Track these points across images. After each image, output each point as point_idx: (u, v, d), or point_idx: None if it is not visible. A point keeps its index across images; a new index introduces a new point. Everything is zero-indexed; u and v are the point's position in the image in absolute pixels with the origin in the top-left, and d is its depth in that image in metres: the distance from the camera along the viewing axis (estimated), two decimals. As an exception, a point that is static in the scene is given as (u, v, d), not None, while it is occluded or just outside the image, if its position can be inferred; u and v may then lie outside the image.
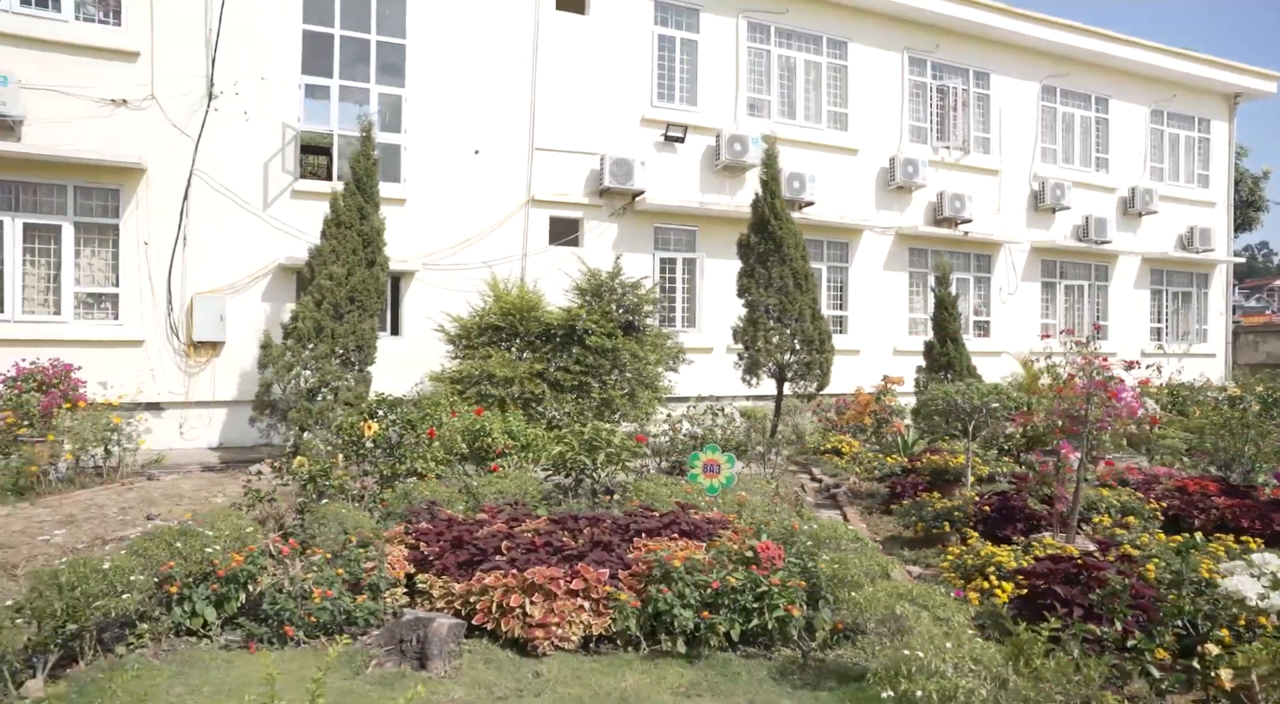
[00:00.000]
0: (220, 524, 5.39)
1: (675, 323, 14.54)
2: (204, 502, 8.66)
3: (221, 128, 11.78)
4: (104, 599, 4.05)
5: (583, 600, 4.69)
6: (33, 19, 10.92)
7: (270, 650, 4.50)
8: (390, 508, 6.51)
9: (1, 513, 7.91)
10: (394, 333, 12.73)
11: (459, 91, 13.07)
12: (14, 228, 10.94)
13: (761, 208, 12.01)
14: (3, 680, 3.74)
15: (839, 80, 15.97)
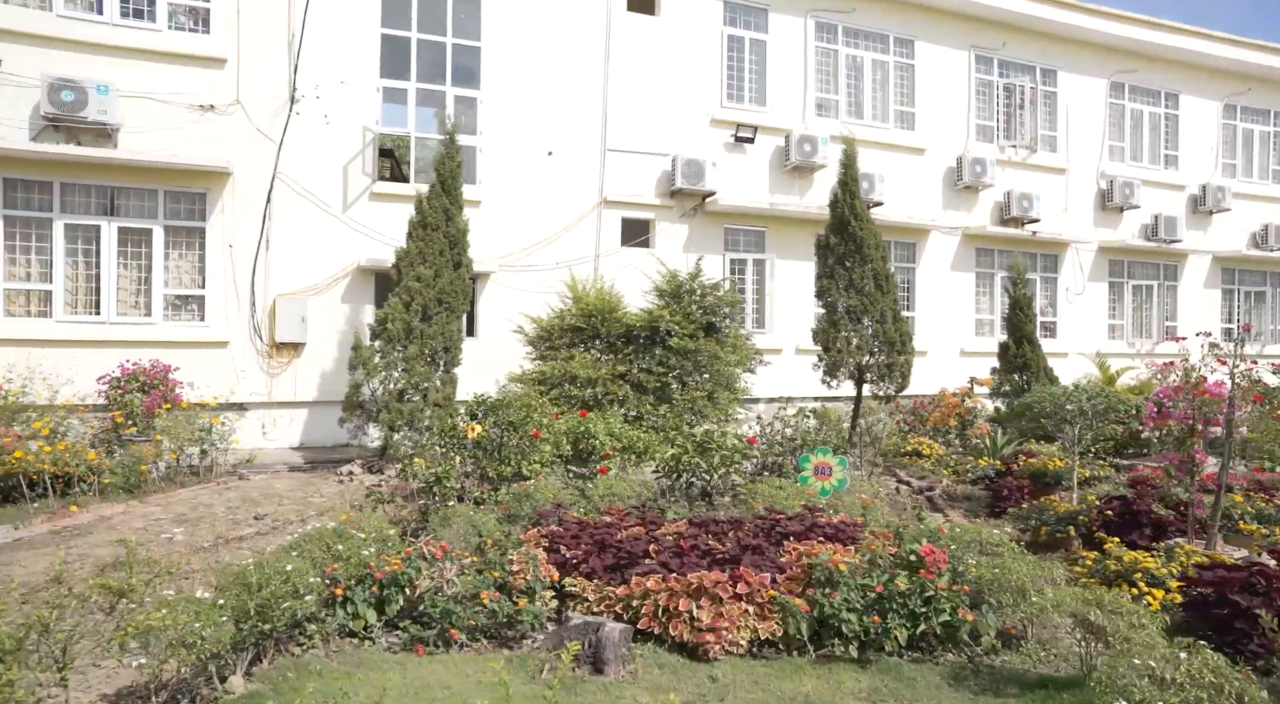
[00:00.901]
0: (364, 526, 5.43)
1: (746, 324, 14.45)
2: (302, 502, 8.76)
3: (303, 131, 11.91)
4: (290, 600, 4.08)
5: (746, 604, 4.65)
6: (131, 30, 11.12)
7: (436, 653, 4.50)
8: (511, 510, 6.51)
9: (118, 510, 8.05)
10: (469, 334, 12.78)
11: (532, 94, 13.12)
12: (110, 232, 11.12)
13: (841, 208, 11.90)
14: (209, 676, 3.78)
15: (906, 79, 15.83)
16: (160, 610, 3.47)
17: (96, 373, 10.54)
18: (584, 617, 4.58)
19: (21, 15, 10.68)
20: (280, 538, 7.16)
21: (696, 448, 7.33)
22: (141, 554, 6.43)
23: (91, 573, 5.95)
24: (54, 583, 3.65)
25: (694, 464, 7.20)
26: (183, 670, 3.66)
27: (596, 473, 7.89)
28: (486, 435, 7.87)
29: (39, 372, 10.19)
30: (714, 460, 7.21)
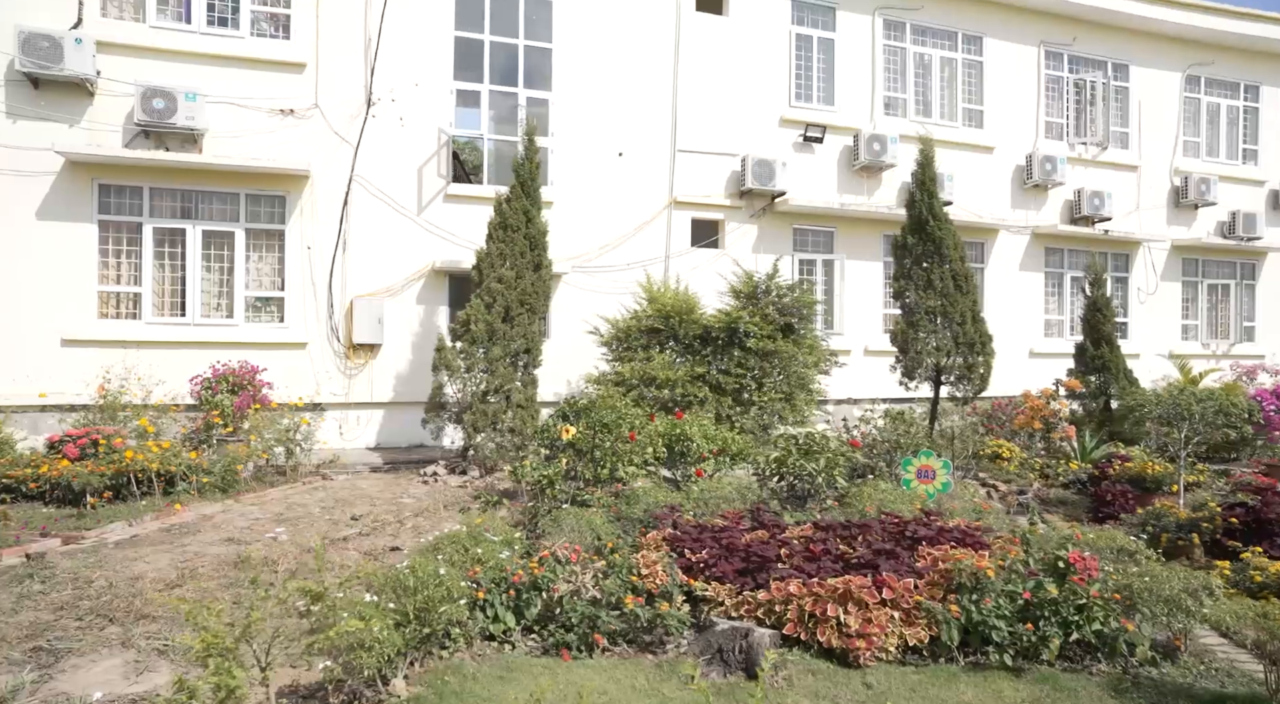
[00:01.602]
0: (494, 529, 5.43)
1: (816, 325, 14.32)
2: (393, 502, 8.81)
3: (378, 134, 12.02)
4: (446, 605, 4.07)
5: (890, 610, 4.57)
6: (216, 38, 11.31)
7: (580, 658, 4.47)
8: (620, 512, 6.47)
9: (217, 509, 8.16)
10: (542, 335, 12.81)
11: (603, 95, 13.12)
12: (195, 235, 11.32)
13: (919, 208, 11.74)
14: (370, 679, 3.78)
15: (974, 77, 15.58)
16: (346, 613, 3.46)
17: (181, 373, 10.75)
18: (730, 622, 4.52)
19: (118, 28, 10.92)
20: (382, 538, 7.22)
21: (800, 450, 7.24)
22: (248, 551, 6.52)
23: (215, 570, 6.03)
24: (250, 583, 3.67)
25: (799, 466, 7.12)
26: (361, 673, 3.66)
27: (693, 475, 7.84)
28: (581, 437, 7.85)
29: (133, 372, 10.39)
30: (820, 463, 7.11)
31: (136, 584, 5.63)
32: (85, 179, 10.86)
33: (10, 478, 7.87)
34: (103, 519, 7.32)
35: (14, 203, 10.57)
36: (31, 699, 3.83)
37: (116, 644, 4.54)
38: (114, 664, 4.30)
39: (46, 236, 10.70)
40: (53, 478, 7.85)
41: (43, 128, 10.64)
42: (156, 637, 4.66)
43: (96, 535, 6.96)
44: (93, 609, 5.10)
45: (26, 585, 5.53)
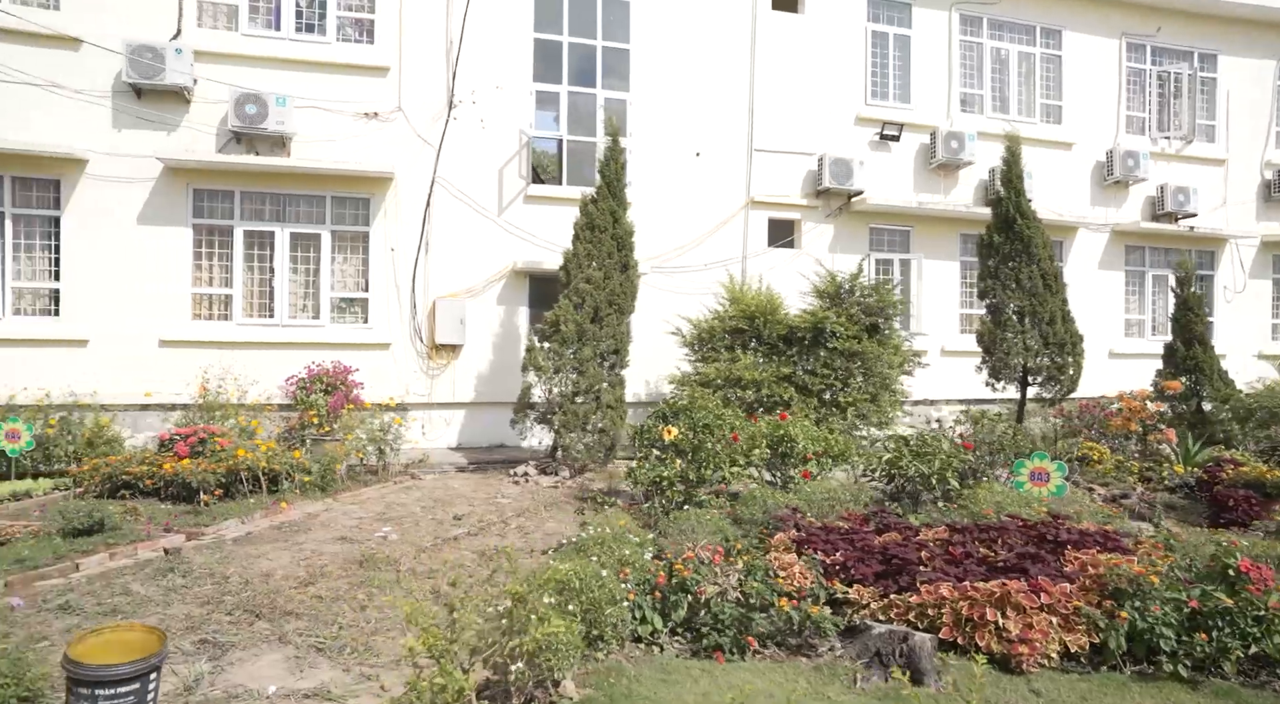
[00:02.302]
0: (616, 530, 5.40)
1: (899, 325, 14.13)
2: (490, 502, 8.85)
3: (460, 136, 12.12)
4: (610, 606, 4.05)
5: (1049, 615, 4.44)
6: (304, 44, 11.51)
7: (733, 660, 4.42)
8: (737, 513, 6.42)
9: (320, 507, 8.27)
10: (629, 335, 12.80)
11: (679, 95, 13.08)
12: (283, 237, 11.52)
13: (1005, 206, 11.53)
14: (540, 679, 3.77)
15: (1052, 71, 15.24)
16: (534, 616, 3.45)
17: (270, 373, 10.96)
18: (885, 625, 4.44)
19: (213, 37, 11.17)
20: (489, 539, 7.24)
21: (913, 452, 7.12)
22: (366, 551, 6.59)
23: (342, 569, 6.10)
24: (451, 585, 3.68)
25: (912, 468, 7.00)
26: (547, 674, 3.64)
27: (797, 477, 7.76)
28: (683, 438, 7.81)
29: (230, 373, 10.61)
30: (934, 465, 6.99)
31: (270, 581, 5.72)
32: (181, 184, 11.12)
33: (129, 474, 8.08)
34: (217, 516, 7.46)
35: (117, 208, 10.87)
36: (212, 689, 3.89)
37: (273, 639, 4.61)
38: (275, 659, 4.35)
39: (146, 240, 10.99)
40: (167, 475, 8.03)
41: (144, 135, 10.93)
42: (308, 633, 4.72)
43: (214, 532, 7.10)
44: (238, 604, 5.19)
45: (170, 579, 5.65)
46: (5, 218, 10.62)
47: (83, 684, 3.23)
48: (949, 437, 9.64)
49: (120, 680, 3.27)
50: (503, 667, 3.37)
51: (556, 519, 7.94)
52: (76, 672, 3.23)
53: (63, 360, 10.64)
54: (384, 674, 4.19)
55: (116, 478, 8.11)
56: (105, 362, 10.72)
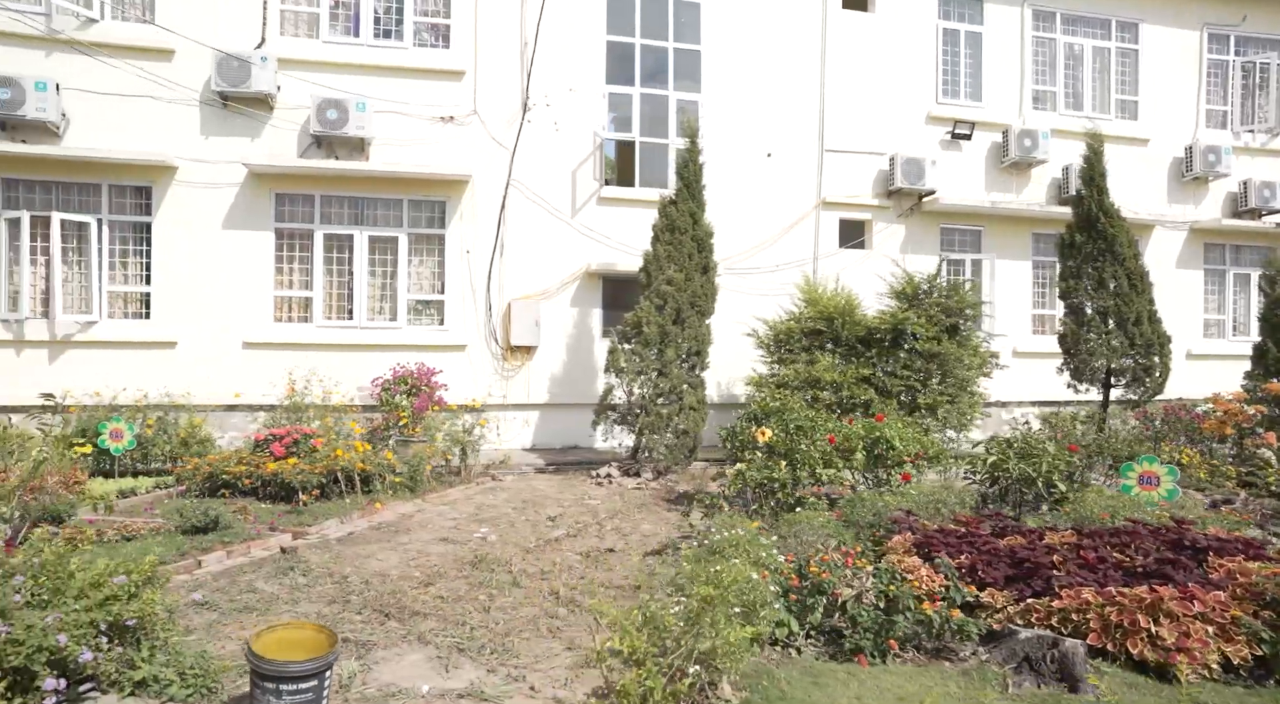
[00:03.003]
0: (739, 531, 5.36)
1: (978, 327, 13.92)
2: (578, 503, 8.87)
3: (533, 139, 12.20)
4: (764, 608, 4.02)
5: (1203, 624, 4.31)
6: (381, 49, 11.68)
7: (875, 664, 4.36)
8: (846, 516, 6.34)
9: (412, 508, 8.36)
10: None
11: (750, 95, 13.03)
12: (362, 240, 11.69)
13: (1088, 205, 11.31)
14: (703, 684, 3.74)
15: (1128, 66, 14.89)
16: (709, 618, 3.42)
17: (349, 374, 11.14)
18: (1033, 630, 4.34)
19: (295, 45, 11.38)
20: (588, 540, 7.23)
21: (1018, 453, 6.99)
22: (464, 552, 6.63)
23: (456, 570, 6.14)
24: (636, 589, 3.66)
25: (1020, 470, 6.86)
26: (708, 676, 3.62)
27: (894, 479, 7.66)
28: (779, 440, 7.75)
29: (315, 375, 10.79)
30: (1043, 467, 6.85)
31: (387, 581, 5.77)
32: (264, 189, 11.34)
33: (229, 474, 8.23)
34: (318, 516, 7.57)
35: (204, 213, 11.12)
36: (366, 688, 3.93)
37: (411, 639, 4.64)
38: (418, 659, 4.39)
39: (230, 244, 11.22)
40: (265, 475, 8.17)
41: (229, 142, 11.17)
42: (442, 633, 4.74)
43: (318, 531, 7.21)
44: (364, 604, 5.25)
45: (291, 577, 5.74)
46: (102, 224, 10.92)
47: (268, 679, 3.28)
48: (1048, 438, 9.47)
49: (302, 677, 3.32)
50: (679, 670, 3.35)
51: (650, 521, 7.93)
52: (262, 666, 3.28)
53: (153, 362, 10.91)
54: (529, 675, 4.20)
55: (217, 477, 8.27)
56: (192, 363, 10.98)
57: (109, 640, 3.29)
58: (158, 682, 3.35)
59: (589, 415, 12.16)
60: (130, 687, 3.26)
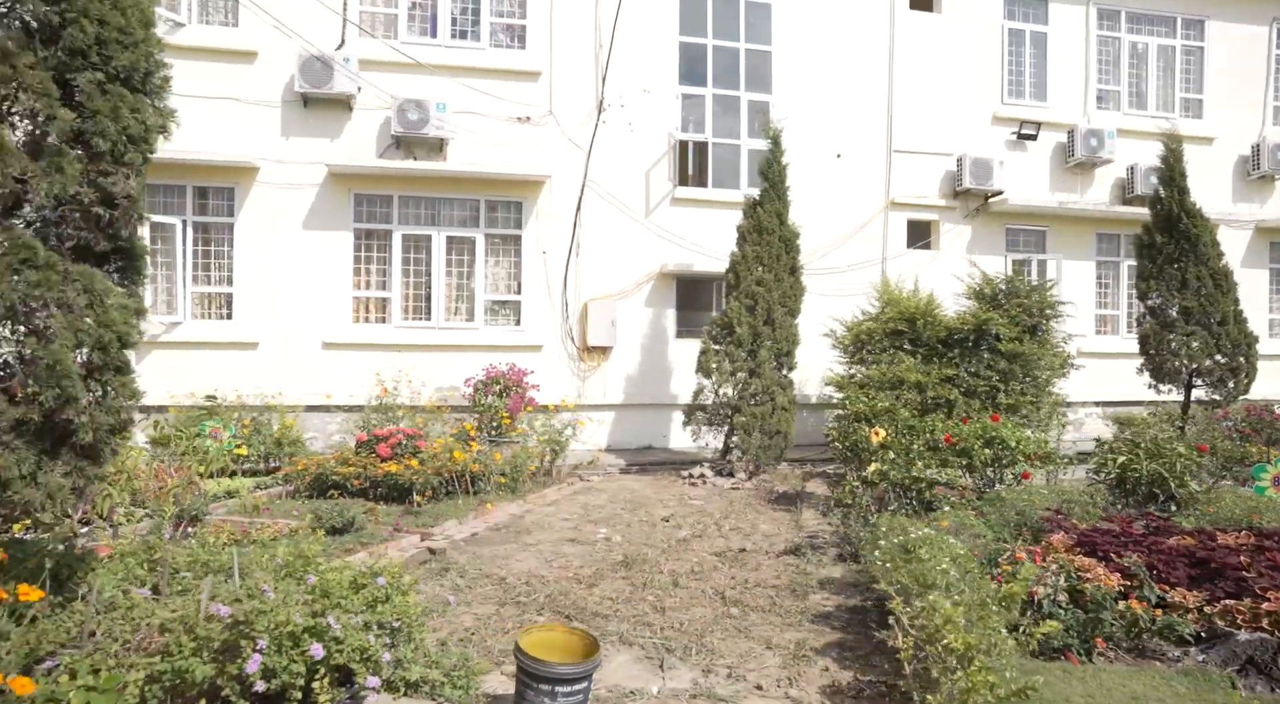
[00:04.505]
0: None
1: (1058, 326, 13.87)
2: (682, 503, 8.87)
3: (608, 139, 12.19)
4: (994, 604, 3.99)
5: None
6: (458, 50, 11.68)
7: (1084, 662, 4.34)
8: (989, 516, 6.32)
9: (518, 509, 8.34)
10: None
11: (819, 96, 13.02)
12: (439, 241, 11.69)
13: (1168, 205, 11.28)
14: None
15: (1193, 64, 14.87)
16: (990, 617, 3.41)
17: (429, 375, 11.13)
18: (1258, 634, 4.32)
19: (374, 46, 11.37)
20: (714, 541, 7.21)
21: (1147, 453, 6.97)
22: (601, 553, 6.62)
23: (610, 570, 6.13)
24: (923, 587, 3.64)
25: (1153, 471, 6.84)
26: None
27: (1008, 478, 7.65)
28: (895, 440, 7.73)
29: (406, 376, 10.80)
30: (1176, 467, 6.83)
31: (547, 582, 5.76)
32: (344, 190, 11.34)
33: (338, 475, 8.23)
34: (437, 517, 7.56)
35: (285, 214, 11.12)
36: (596, 687, 3.91)
37: (613, 639, 4.63)
38: (625, 660, 4.37)
39: (310, 245, 11.22)
40: (376, 476, 8.16)
41: (309, 143, 11.17)
42: (634, 635, 4.73)
43: (441, 532, 7.19)
44: (538, 605, 5.24)
45: (450, 578, 5.73)
46: (186, 225, 10.93)
47: (542, 680, 3.27)
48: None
49: (574, 679, 3.32)
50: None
51: (764, 522, 7.92)
52: (537, 668, 3.27)
53: (235, 362, 10.92)
54: (747, 674, 4.19)
55: (326, 478, 8.27)
56: (272, 364, 10.99)
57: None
58: (427, 682, 3.34)
59: (664, 415, 12.21)
60: (404, 687, 3.25)
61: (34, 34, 2.50)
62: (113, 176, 2.62)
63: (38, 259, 2.36)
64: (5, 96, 2.32)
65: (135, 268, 2.92)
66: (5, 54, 2.31)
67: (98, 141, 2.61)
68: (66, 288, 2.42)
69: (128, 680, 2.44)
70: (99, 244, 2.69)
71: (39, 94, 2.38)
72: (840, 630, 4.91)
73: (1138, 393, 12.64)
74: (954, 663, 3.02)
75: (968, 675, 2.85)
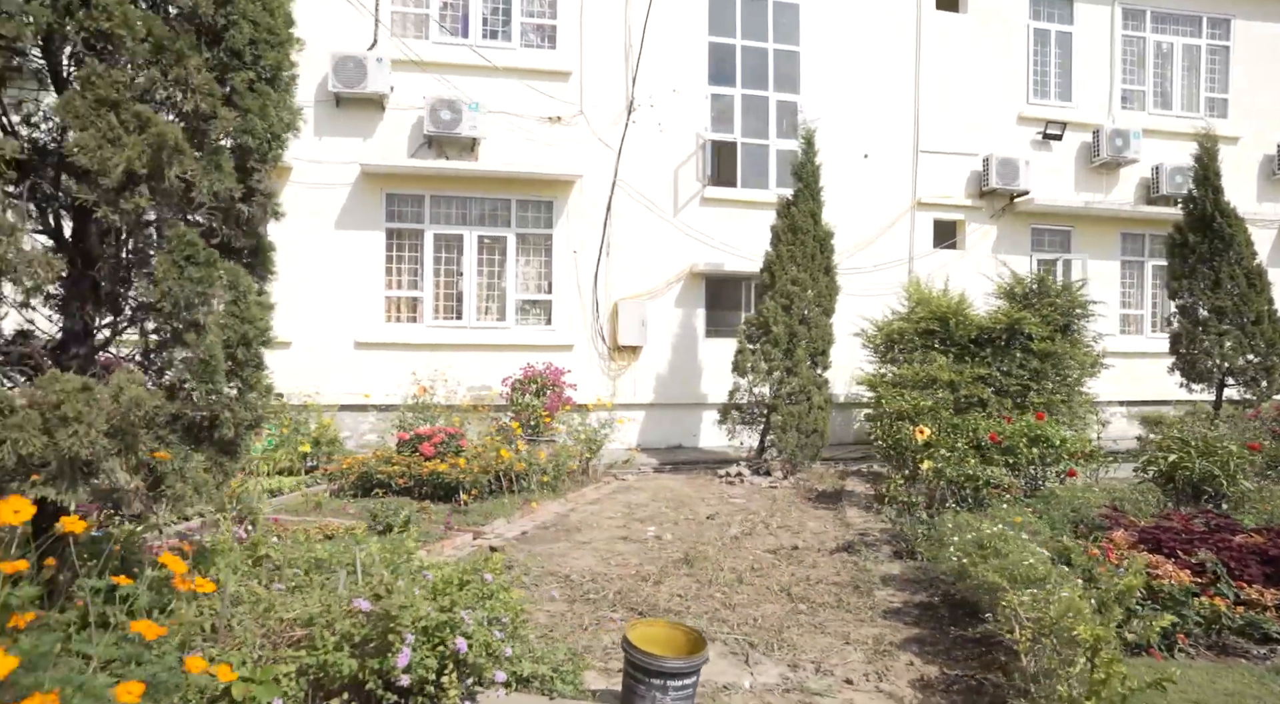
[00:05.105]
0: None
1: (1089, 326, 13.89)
2: (723, 501, 8.88)
3: (638, 139, 12.21)
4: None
5: None
6: (489, 50, 11.69)
7: (1167, 658, 4.36)
8: (1044, 513, 6.34)
9: (562, 508, 8.35)
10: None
11: (847, 96, 13.04)
12: (471, 240, 11.71)
13: (1202, 205, 11.32)
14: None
15: (1219, 63, 14.90)
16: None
17: (460, 374, 11.14)
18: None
19: (406, 46, 11.39)
20: (764, 539, 7.23)
21: (1198, 451, 6.99)
22: (657, 551, 6.64)
23: (672, 567, 6.15)
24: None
25: (1206, 470, 6.86)
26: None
27: (1063, 477, 7.67)
28: (942, 439, 7.76)
29: (441, 375, 10.82)
30: (1230, 465, 6.85)
31: (612, 581, 5.77)
32: (376, 189, 11.36)
33: (382, 473, 8.25)
34: (486, 515, 7.58)
35: (317, 214, 11.14)
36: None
37: (695, 636, 4.65)
38: (710, 654, 4.38)
39: (342, 244, 11.25)
40: (421, 474, 8.18)
41: (341, 143, 11.20)
42: (712, 631, 4.75)
43: (491, 530, 7.21)
44: (611, 603, 5.27)
45: (513, 575, 5.71)
46: (222, 224, 10.93)
47: (654, 674, 3.29)
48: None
49: (685, 674, 3.34)
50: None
51: (811, 520, 7.94)
52: (651, 663, 3.29)
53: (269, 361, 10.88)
54: (835, 669, 4.21)
55: (370, 476, 8.28)
56: (305, 363, 10.99)
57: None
58: (537, 677, 3.36)
59: (693, 415, 12.24)
60: (515, 683, 3.28)
61: (201, 34, 2.53)
62: (258, 174, 2.65)
63: (199, 256, 2.39)
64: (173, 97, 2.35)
65: (265, 264, 2.94)
66: (179, 56, 2.33)
67: (247, 139, 2.64)
68: (218, 285, 2.45)
69: (279, 673, 2.46)
70: (238, 240, 2.72)
71: (204, 94, 2.41)
72: (913, 625, 4.93)
73: (1162, 392, 12.70)
74: (1078, 655, 3.04)
75: (1103, 666, 2.87)
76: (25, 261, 2.10)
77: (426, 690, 2.76)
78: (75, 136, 2.17)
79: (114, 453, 2.26)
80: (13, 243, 2.06)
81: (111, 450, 2.24)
